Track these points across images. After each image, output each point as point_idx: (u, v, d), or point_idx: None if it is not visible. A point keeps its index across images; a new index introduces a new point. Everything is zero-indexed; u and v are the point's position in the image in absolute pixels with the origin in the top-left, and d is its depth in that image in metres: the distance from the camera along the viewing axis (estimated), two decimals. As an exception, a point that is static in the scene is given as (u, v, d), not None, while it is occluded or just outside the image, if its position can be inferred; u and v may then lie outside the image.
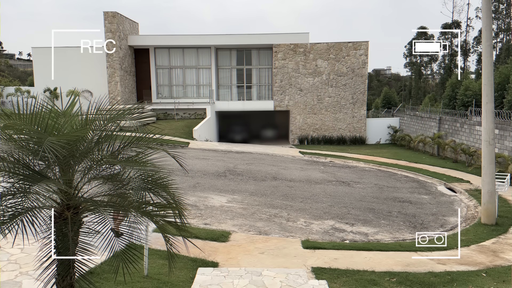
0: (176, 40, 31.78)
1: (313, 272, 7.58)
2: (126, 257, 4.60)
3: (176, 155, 5.15)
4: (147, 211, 4.69)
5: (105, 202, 4.71)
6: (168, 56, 32.52)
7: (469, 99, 26.32)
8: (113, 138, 4.82)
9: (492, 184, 11.53)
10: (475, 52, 52.66)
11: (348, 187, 15.78)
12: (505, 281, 7.39)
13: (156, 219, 4.71)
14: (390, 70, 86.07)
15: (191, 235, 5.50)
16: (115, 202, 4.73)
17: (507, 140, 19.08)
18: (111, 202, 4.73)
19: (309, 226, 10.94)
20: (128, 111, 4.91)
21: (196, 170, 16.89)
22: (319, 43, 30.77)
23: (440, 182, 17.19)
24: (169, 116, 29.87)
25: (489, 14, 11.64)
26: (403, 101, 47.19)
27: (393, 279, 7.40)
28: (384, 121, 32.96)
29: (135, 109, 4.97)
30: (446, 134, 24.99)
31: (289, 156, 23.30)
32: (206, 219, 10.97)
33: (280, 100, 31.08)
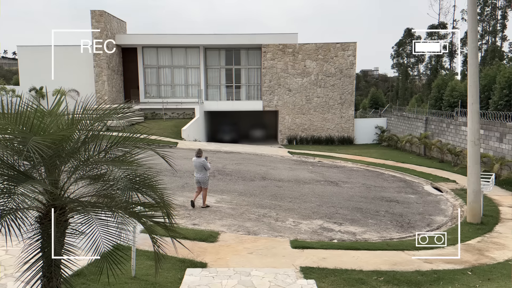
0: (164, 39, 31.59)
1: (301, 271, 7.60)
2: (113, 258, 4.55)
3: (165, 155, 5.11)
4: (135, 211, 4.65)
5: (92, 203, 4.66)
6: (156, 55, 32.32)
7: (455, 100, 26.68)
8: (100, 138, 4.77)
9: (477, 183, 11.70)
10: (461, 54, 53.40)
11: (337, 187, 15.87)
12: (490, 279, 7.50)
13: (143, 219, 4.67)
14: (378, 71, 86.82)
15: (180, 235, 5.47)
16: (102, 202, 4.68)
17: (492, 140, 19.40)
18: (98, 202, 4.68)
19: (297, 225, 10.97)
20: (115, 110, 4.86)
21: (185, 170, 16.80)
22: (307, 43, 30.89)
23: (426, 182, 17.39)
24: (157, 115, 29.68)
25: (474, 16, 11.81)
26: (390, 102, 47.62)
27: (381, 278, 7.46)
28: (371, 121, 33.23)
29: (122, 108, 4.93)
30: (433, 134, 25.30)
31: (278, 156, 23.33)
32: (195, 220, 10.93)
33: (269, 100, 31.12)
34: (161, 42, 31.51)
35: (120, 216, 4.55)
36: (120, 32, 32.14)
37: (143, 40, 31.58)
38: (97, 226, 4.49)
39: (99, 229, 4.51)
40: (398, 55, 58.50)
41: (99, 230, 4.51)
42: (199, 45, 31.59)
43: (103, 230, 4.54)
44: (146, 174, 4.66)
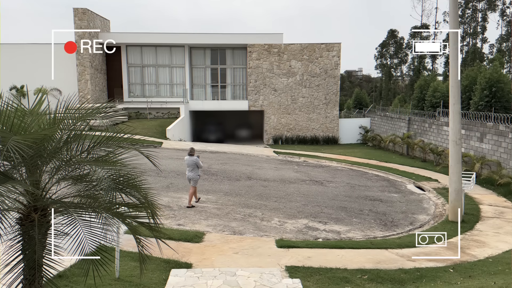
0: (148, 38, 31.30)
1: (287, 270, 7.62)
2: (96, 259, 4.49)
3: (149, 155, 5.07)
4: (119, 212, 4.60)
5: (75, 204, 4.59)
6: (141, 54, 32.00)
7: (437, 100, 27.12)
8: (82, 138, 4.70)
9: (459, 182, 11.92)
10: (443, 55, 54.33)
11: (322, 186, 15.97)
12: (471, 276, 7.65)
13: (127, 220, 4.62)
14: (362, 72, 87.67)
15: (164, 236, 5.43)
16: (85, 203, 4.62)
17: (472, 140, 19.79)
18: (81, 203, 4.61)
19: (283, 225, 11.00)
20: (98, 109, 4.80)
21: (170, 170, 16.69)
22: (293, 43, 31.00)
23: (409, 181, 17.65)
24: (142, 115, 29.39)
25: (456, 18, 12.03)
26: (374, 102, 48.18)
27: (365, 276, 7.54)
28: (355, 121, 33.54)
29: (105, 107, 4.87)
30: (415, 134, 25.67)
31: (263, 156, 23.36)
32: (180, 220, 10.86)
33: (255, 100, 31.14)
34: (145, 41, 31.23)
35: (103, 216, 4.49)
36: (104, 30, 31.72)
37: (127, 39, 31.23)
38: (81, 227, 4.43)
39: (82, 230, 4.45)
40: (381, 56, 59.24)
41: (83, 231, 4.45)
42: (184, 44, 31.41)
43: (87, 231, 4.48)
44: (130, 174, 4.62)
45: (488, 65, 36.76)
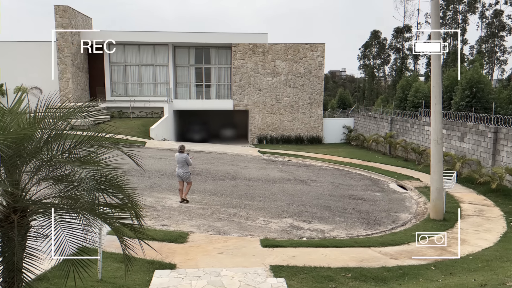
0: (131, 36, 30.92)
1: (271, 270, 7.63)
2: (78, 261, 4.42)
3: (132, 155, 5.01)
4: (101, 212, 4.53)
5: (55, 204, 4.51)
6: (123, 52, 31.61)
7: (419, 101, 27.53)
8: (63, 137, 4.61)
9: (440, 181, 12.13)
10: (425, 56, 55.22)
11: (306, 186, 16.05)
12: (452, 273, 7.79)
13: (110, 221, 4.56)
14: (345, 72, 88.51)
15: (148, 237, 5.38)
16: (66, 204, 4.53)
17: (453, 139, 20.17)
18: (62, 204, 4.53)
19: (268, 224, 11.01)
20: (80, 109, 4.71)
21: (153, 170, 16.54)
22: (277, 43, 31.07)
23: (392, 180, 17.88)
24: (124, 114, 29.04)
25: (437, 20, 12.23)
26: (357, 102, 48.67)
27: (349, 275, 7.60)
28: (339, 121, 33.83)
29: (87, 107, 4.79)
30: (398, 134, 26.03)
31: (248, 156, 23.36)
32: (164, 220, 10.77)
33: (239, 100, 31.10)
34: (128, 39, 30.86)
35: (85, 217, 4.42)
36: (86, 28, 31.21)
37: (109, 37, 30.78)
38: (62, 229, 4.35)
39: (63, 231, 4.37)
40: (364, 57, 59.82)
41: (64, 232, 4.37)
42: (167, 43, 31.16)
43: (68, 232, 4.40)
44: (113, 174, 4.55)
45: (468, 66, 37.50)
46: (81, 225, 4.44)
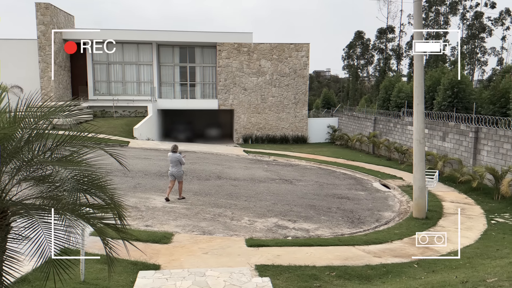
0: (115, 34, 30.45)
1: (256, 269, 7.64)
2: (60, 262, 4.34)
3: (115, 154, 4.94)
4: (83, 213, 4.46)
5: (36, 205, 4.42)
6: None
7: (401, 101, 27.91)
8: (45, 137, 4.53)
9: (422, 180, 12.32)
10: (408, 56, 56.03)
11: (291, 185, 16.11)
12: (435, 271, 7.92)
13: (93, 221, 4.49)
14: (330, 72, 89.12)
15: (132, 237, 5.32)
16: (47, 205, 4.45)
17: (435, 139, 20.51)
18: (43, 205, 4.44)
19: (253, 224, 11.02)
20: (61, 108, 4.63)
21: (137, 170, 16.38)
22: (262, 43, 31.10)
23: (375, 179, 18.08)
24: (108, 113, 28.68)
25: (419, 21, 12.41)
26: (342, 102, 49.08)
27: (333, 273, 7.66)
28: (324, 120, 34.06)
29: (69, 106, 4.71)
30: (381, 134, 26.34)
31: (233, 155, 23.32)
32: (148, 221, 10.67)
33: (225, 99, 31.03)
34: (112, 38, 30.41)
35: (67, 218, 4.34)
36: (68, 26, 30.72)
37: (92, 35, 30.34)
38: (43, 230, 4.26)
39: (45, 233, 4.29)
40: (348, 57, 60.37)
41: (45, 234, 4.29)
42: (151, 42, 30.88)
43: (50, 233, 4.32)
44: (96, 175, 4.49)
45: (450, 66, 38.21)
46: (63, 226, 4.36)
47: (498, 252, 8.96)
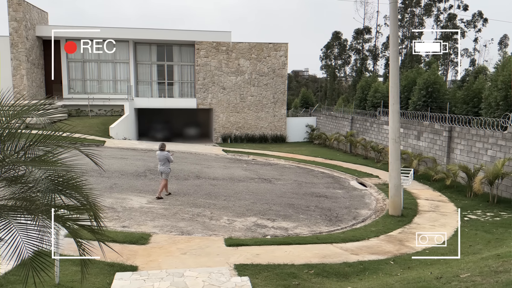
0: (90, 32, 29.91)
1: (235, 269, 7.63)
2: (34, 265, 4.23)
3: (91, 154, 4.84)
4: (58, 215, 4.35)
5: (9, 207, 4.29)
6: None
7: (378, 101, 28.40)
8: (17, 136, 4.39)
9: (398, 178, 12.56)
10: (384, 57, 56.99)
11: (270, 184, 16.16)
12: (410, 267, 8.09)
13: (68, 223, 4.39)
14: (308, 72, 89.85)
15: (108, 238, 5.23)
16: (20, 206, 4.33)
17: (410, 138, 20.95)
18: (16, 206, 4.31)
19: (232, 223, 11.00)
20: (34, 106, 4.51)
21: (113, 170, 16.11)
22: (241, 42, 31.06)
23: (352, 177, 18.34)
24: (83, 112, 28.09)
25: (395, 22, 12.64)
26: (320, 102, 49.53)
27: (311, 271, 7.72)
28: (302, 120, 34.31)
29: (43, 104, 4.58)
30: (358, 133, 26.73)
31: (212, 155, 23.22)
32: (125, 222, 10.51)
33: (203, 98, 30.85)
34: (87, 35, 29.81)
35: (41, 220, 4.23)
36: (41, 23, 29.95)
37: (66, 32, 29.66)
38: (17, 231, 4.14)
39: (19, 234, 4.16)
40: (326, 57, 60.95)
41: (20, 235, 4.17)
42: (128, 39, 30.39)
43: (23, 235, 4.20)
44: (70, 175, 4.38)
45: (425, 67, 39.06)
46: (37, 227, 4.25)
47: (470, 248, 9.22)
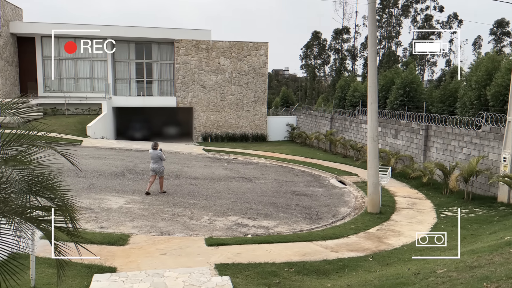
0: (67, 28, 29.24)
1: (216, 268, 7.59)
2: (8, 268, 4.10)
3: (67, 154, 4.73)
4: (33, 216, 4.23)
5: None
6: (58, 46, 29.82)
7: (357, 100, 28.76)
8: (-11, 136, 4.26)
9: (376, 176, 12.75)
10: (362, 57, 57.74)
11: (251, 183, 16.16)
12: (389, 264, 8.22)
13: (43, 225, 4.27)
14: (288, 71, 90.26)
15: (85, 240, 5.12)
16: (-7, 208, 4.19)
17: (388, 136, 21.30)
18: (-12, 208, 4.17)
19: (213, 223, 10.95)
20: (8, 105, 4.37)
21: (91, 170, 15.82)
22: (221, 41, 30.95)
23: (332, 176, 18.52)
24: (59, 111, 27.46)
25: (374, 22, 12.80)
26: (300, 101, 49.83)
27: (292, 269, 7.76)
28: (283, 119, 34.45)
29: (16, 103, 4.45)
30: (337, 132, 27.01)
31: (192, 154, 23.07)
32: (103, 222, 10.33)
33: (183, 97, 30.61)
34: (63, 32, 29.15)
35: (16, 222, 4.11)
36: (16, 19, 29.13)
37: (42, 29, 28.94)
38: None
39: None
40: (306, 57, 61.31)
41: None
42: (106, 37, 29.82)
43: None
44: (46, 175, 4.27)
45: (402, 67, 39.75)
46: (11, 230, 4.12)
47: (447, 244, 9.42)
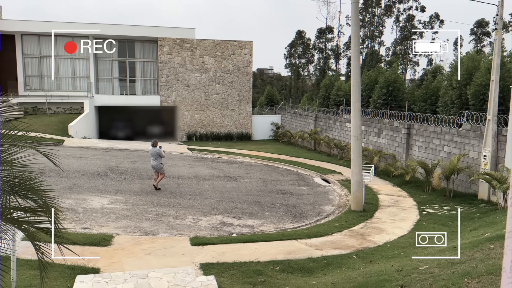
0: (48, 26, 28.66)
1: (201, 268, 7.57)
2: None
3: (49, 154, 4.65)
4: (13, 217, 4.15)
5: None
6: (39, 44, 29.26)
7: (340, 99, 29.00)
8: (-33, 136, 4.15)
9: (360, 174, 12.90)
10: (346, 56, 58.22)
11: (236, 182, 16.15)
12: (372, 261, 8.33)
13: (24, 226, 4.20)
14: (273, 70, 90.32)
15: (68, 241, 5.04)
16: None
17: (371, 135, 21.55)
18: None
19: (197, 222, 10.91)
20: (-14, 104, 4.28)
21: (73, 170, 15.57)
22: (205, 39, 30.81)
23: (316, 174, 18.65)
24: (40, 110, 26.94)
25: (357, 22, 12.94)
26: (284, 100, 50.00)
27: (277, 268, 7.79)
28: (267, 118, 34.52)
29: (-5, 102, 4.36)
30: (322, 130, 27.20)
31: (177, 153, 22.92)
32: (85, 223, 10.19)
33: (167, 96, 30.37)
34: (44, 30, 28.62)
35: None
36: (-7, 16, 28.43)
37: (22, 27, 28.34)
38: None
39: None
40: (290, 56, 61.50)
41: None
42: (88, 35, 29.40)
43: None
44: (27, 176, 4.19)
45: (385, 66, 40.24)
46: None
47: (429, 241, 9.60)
